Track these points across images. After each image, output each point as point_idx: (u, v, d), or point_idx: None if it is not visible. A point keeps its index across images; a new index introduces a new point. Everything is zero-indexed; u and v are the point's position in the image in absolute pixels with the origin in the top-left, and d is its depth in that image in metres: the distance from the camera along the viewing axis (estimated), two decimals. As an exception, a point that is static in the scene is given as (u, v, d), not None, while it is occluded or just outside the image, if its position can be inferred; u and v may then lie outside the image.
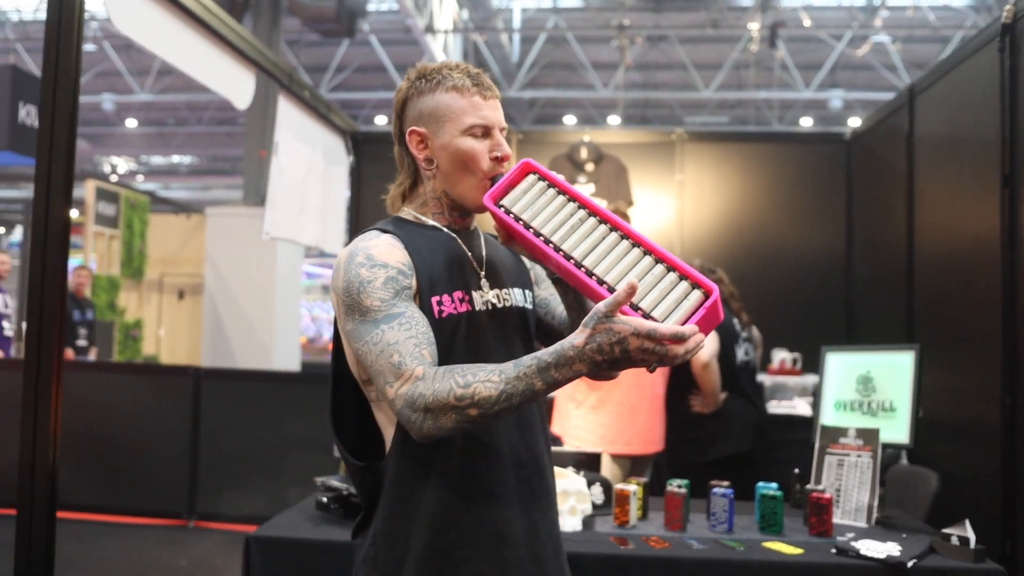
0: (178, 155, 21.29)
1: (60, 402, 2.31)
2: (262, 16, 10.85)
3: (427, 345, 1.35)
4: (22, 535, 2.29)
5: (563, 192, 1.43)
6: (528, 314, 1.60)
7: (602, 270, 1.34)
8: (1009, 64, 2.87)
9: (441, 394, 1.27)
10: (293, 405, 5.27)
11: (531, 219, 1.41)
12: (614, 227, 1.37)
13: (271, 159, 3.81)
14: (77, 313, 7.84)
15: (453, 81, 1.48)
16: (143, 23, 2.79)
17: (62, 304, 2.33)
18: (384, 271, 1.38)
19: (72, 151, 2.32)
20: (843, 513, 2.61)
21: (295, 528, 2.38)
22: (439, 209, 1.54)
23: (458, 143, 1.47)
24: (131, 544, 4.87)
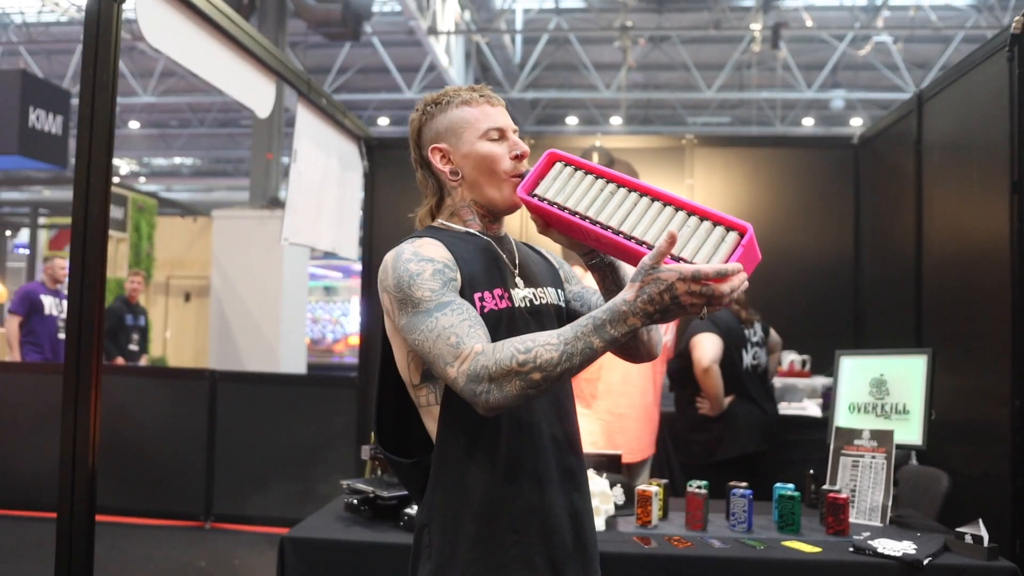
0: (180, 156, 21.35)
1: (99, 407, 2.38)
2: (268, 19, 10.90)
3: (480, 326, 1.41)
4: (62, 537, 2.36)
5: (590, 172, 1.51)
6: (563, 312, 1.68)
7: (640, 231, 1.42)
8: (1018, 73, 2.93)
9: (504, 362, 1.32)
10: (308, 408, 5.35)
11: (564, 201, 1.50)
12: (644, 193, 1.46)
13: (290, 166, 3.88)
14: (130, 318, 7.90)
15: (461, 97, 1.61)
16: (174, 37, 2.85)
17: (100, 311, 2.39)
18: (431, 264, 1.46)
19: (110, 165, 2.39)
20: (858, 513, 2.68)
21: (327, 529, 2.45)
22: (470, 216, 1.62)
23: (479, 148, 1.57)
24: (150, 545, 4.93)
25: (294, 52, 14.24)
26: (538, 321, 1.58)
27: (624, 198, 1.47)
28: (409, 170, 1.71)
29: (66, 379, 2.37)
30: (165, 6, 2.79)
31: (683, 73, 14.55)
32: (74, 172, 2.39)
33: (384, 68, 14.34)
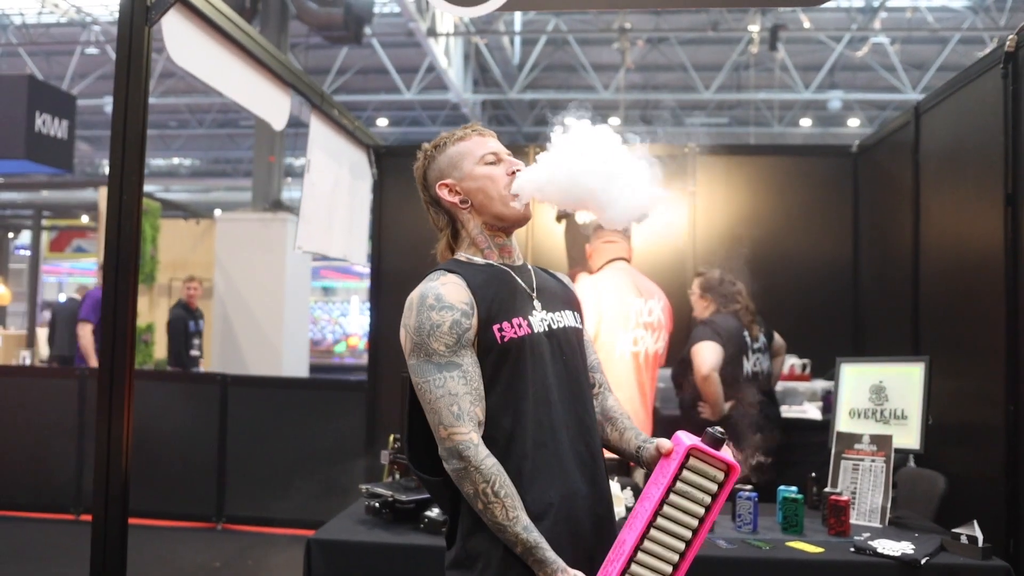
0: (179, 157, 21.42)
1: (132, 412, 2.48)
2: (270, 22, 10.98)
3: (480, 402, 1.61)
4: (97, 539, 2.46)
5: (711, 509, 1.55)
6: (580, 334, 1.81)
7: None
8: (1012, 90, 3.04)
9: (479, 473, 1.54)
10: (318, 411, 5.46)
11: (676, 494, 1.54)
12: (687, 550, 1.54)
13: (304, 176, 3.97)
14: (192, 324, 7.96)
15: (456, 135, 1.80)
16: (197, 55, 2.95)
17: (133, 320, 2.49)
18: (451, 314, 1.61)
19: (141, 182, 2.49)
20: (858, 514, 2.80)
21: (350, 531, 2.56)
22: (486, 244, 1.77)
23: (478, 171, 1.75)
24: (164, 546, 5.04)
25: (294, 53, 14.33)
26: (556, 343, 1.71)
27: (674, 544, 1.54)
28: (417, 180, 1.86)
29: (100, 386, 2.47)
30: (189, 26, 2.89)
31: (681, 74, 14.65)
32: (107, 188, 2.49)
33: (383, 69, 14.41)
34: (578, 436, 1.68)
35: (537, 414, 1.63)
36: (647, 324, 3.45)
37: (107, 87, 15.83)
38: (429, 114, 17.50)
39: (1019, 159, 3.01)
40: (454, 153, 1.77)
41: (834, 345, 4.45)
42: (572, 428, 1.68)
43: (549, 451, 1.63)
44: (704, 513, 1.53)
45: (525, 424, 1.62)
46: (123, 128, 2.47)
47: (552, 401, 1.66)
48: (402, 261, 4.88)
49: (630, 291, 3.53)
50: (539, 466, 1.61)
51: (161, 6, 2.55)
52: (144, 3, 2.51)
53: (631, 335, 3.41)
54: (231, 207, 17.20)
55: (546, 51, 14.40)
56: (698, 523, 1.53)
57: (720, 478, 1.54)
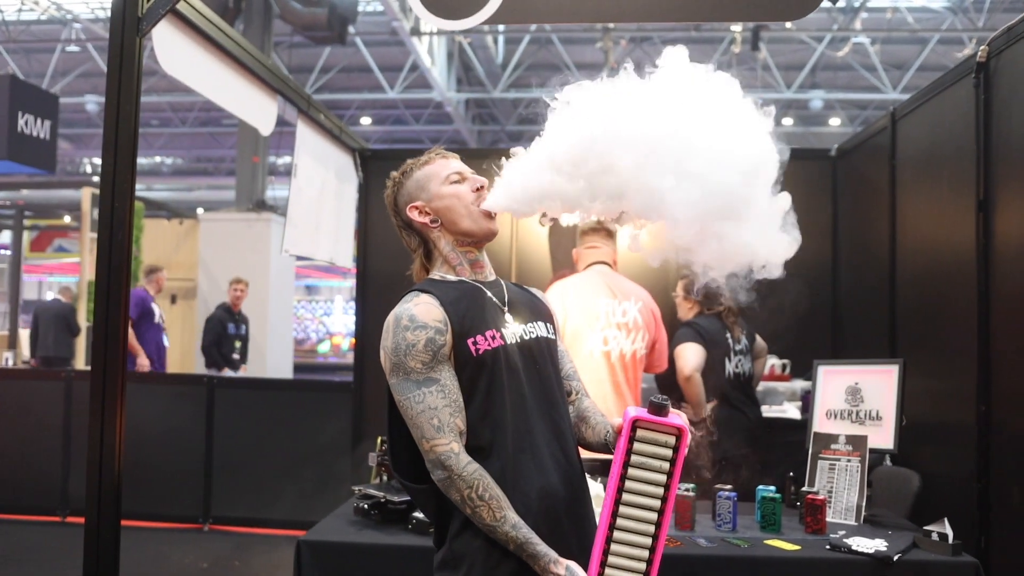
0: (161, 155, 21.32)
1: (124, 414, 2.52)
2: (253, 22, 10.98)
3: (459, 413, 1.68)
4: (90, 543, 2.49)
5: (671, 475, 1.58)
6: (552, 344, 1.88)
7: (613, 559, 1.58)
8: (984, 99, 3.13)
9: (465, 481, 1.62)
10: (304, 412, 5.50)
11: (634, 467, 1.58)
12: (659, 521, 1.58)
13: (291, 181, 4.02)
14: (232, 327, 7.96)
15: (421, 160, 1.89)
16: (186, 64, 2.99)
17: (125, 323, 2.53)
18: (424, 332, 1.68)
19: (133, 189, 2.53)
20: (834, 512, 2.88)
21: (341, 532, 2.61)
22: (458, 261, 1.85)
23: (445, 191, 1.83)
24: (151, 548, 5.06)
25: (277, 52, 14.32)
26: (529, 354, 1.79)
27: (644, 515, 1.58)
28: None
29: (93, 388, 2.50)
30: (179, 35, 2.93)
31: (664, 73, 14.70)
32: (100, 195, 2.53)
33: (367, 68, 14.41)
34: (554, 440, 1.75)
35: (515, 421, 1.70)
36: (620, 324, 3.49)
37: (88, 85, 15.78)
38: (413, 113, 17.51)
39: (990, 165, 3.10)
40: (420, 176, 1.85)
41: (813, 346, 4.53)
42: (548, 433, 1.75)
43: (527, 455, 1.70)
44: (666, 480, 1.56)
45: (505, 432, 1.69)
46: (115, 138, 2.50)
47: (528, 408, 1.73)
48: (387, 263, 4.93)
49: (602, 292, 3.53)
50: (519, 470, 1.68)
51: (152, 17, 2.58)
52: (135, 14, 2.55)
53: (600, 335, 3.45)
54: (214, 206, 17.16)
55: (530, 50, 14.46)
56: (663, 491, 1.56)
57: (672, 443, 1.57)
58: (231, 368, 7.76)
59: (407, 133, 18.56)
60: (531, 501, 1.67)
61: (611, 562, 1.56)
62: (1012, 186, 2.97)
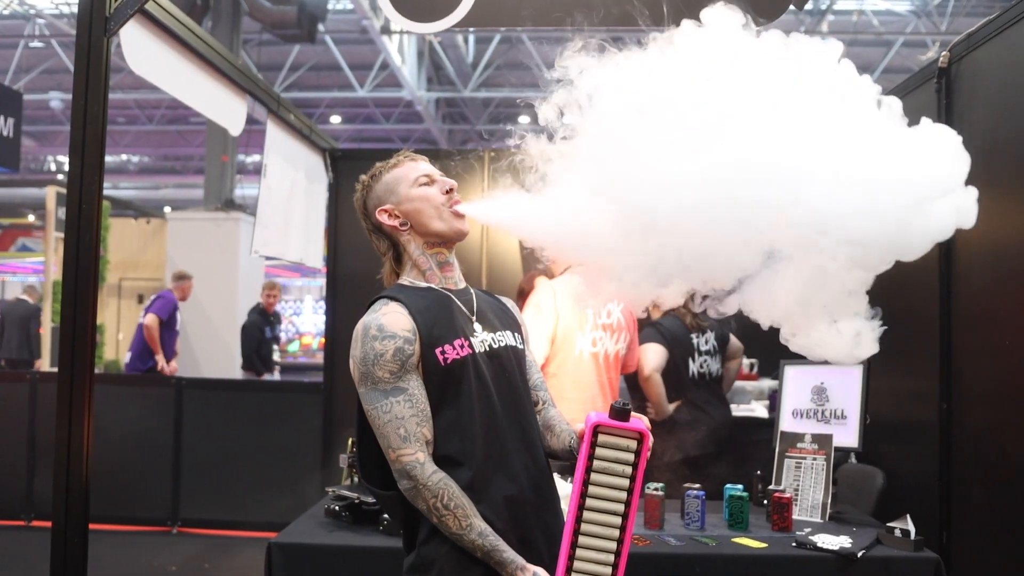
0: (127, 153, 21.06)
1: (92, 416, 2.50)
2: (222, 19, 10.90)
3: (426, 422, 1.68)
4: (57, 547, 2.47)
5: (634, 479, 1.58)
6: (520, 352, 1.88)
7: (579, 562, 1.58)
8: (945, 103, 3.19)
9: (430, 490, 1.63)
10: (274, 413, 5.46)
11: (596, 472, 1.58)
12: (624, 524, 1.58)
13: (260, 181, 4.00)
14: (267, 330, 7.98)
15: (389, 163, 1.88)
16: (155, 64, 2.97)
17: (93, 326, 2.51)
18: (393, 342, 1.68)
19: (100, 191, 2.50)
20: (800, 510, 2.92)
21: (312, 534, 2.61)
22: (427, 266, 1.85)
23: (414, 193, 1.83)
24: (119, 551, 5.02)
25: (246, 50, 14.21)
26: (497, 362, 1.79)
27: (609, 521, 1.58)
28: None
29: (60, 390, 2.47)
30: (148, 35, 2.90)
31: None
32: (67, 197, 2.51)
33: (336, 66, 14.35)
34: (523, 449, 1.76)
35: (484, 430, 1.71)
36: (605, 325, 3.53)
37: (52, 81, 15.54)
38: (383, 111, 17.45)
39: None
40: (390, 179, 1.85)
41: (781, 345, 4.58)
42: (517, 441, 1.76)
43: (496, 464, 1.71)
44: (629, 484, 1.57)
45: (474, 441, 1.70)
46: (82, 139, 2.48)
47: (497, 417, 1.74)
48: (357, 263, 4.92)
49: (587, 296, 3.59)
50: (489, 479, 1.69)
51: (120, 17, 2.56)
52: (103, 14, 2.53)
53: (590, 336, 3.49)
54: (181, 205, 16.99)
55: (500, 49, 14.46)
56: (627, 495, 1.57)
57: (633, 447, 1.57)
58: (269, 371, 7.80)
59: (377, 132, 18.50)
60: (500, 509, 1.68)
61: (577, 567, 1.58)
62: (974, 186, 3.03)
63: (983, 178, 2.91)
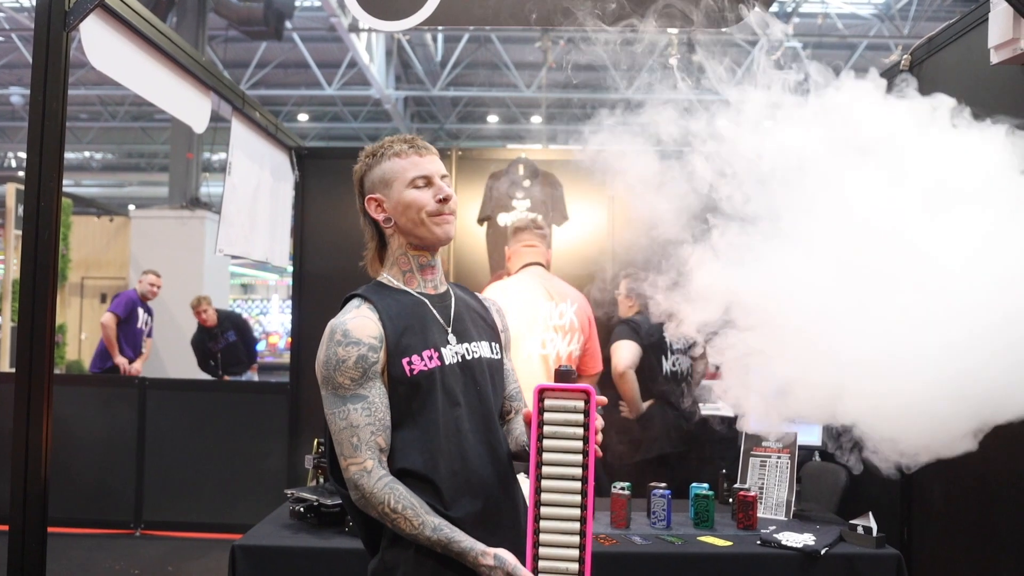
0: (90, 150, 20.74)
1: (51, 418, 2.45)
2: (187, 15, 10.76)
3: (382, 432, 1.65)
4: (15, 550, 2.42)
5: (587, 440, 1.56)
6: (496, 364, 1.84)
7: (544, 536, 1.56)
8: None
9: (376, 498, 1.61)
10: (239, 413, 5.41)
11: (548, 438, 1.57)
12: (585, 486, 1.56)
13: (225, 179, 3.95)
14: (209, 343, 8.03)
15: (394, 149, 1.77)
16: (116, 59, 2.92)
17: (52, 325, 2.47)
18: (356, 349, 1.65)
19: (59, 188, 2.46)
20: (765, 508, 2.95)
21: (276, 536, 2.59)
22: (408, 267, 1.79)
23: (405, 196, 1.74)
24: (81, 554, 4.94)
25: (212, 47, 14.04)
26: (469, 375, 1.75)
27: (568, 480, 1.56)
28: (338, 179, 1.89)
29: (18, 391, 2.42)
30: (109, 30, 2.86)
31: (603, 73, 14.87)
32: (24, 194, 2.46)
33: (304, 64, 14.22)
34: (489, 463, 1.73)
35: (449, 445, 1.68)
36: (557, 327, 3.52)
37: (13, 76, 15.27)
38: (351, 110, 17.35)
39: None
40: (388, 169, 1.77)
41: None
42: (484, 456, 1.73)
43: (461, 478, 1.68)
44: (583, 446, 1.56)
45: (438, 455, 1.67)
46: (40, 136, 2.43)
47: (464, 431, 1.70)
48: (324, 262, 4.89)
49: (540, 295, 3.55)
50: (454, 495, 1.67)
51: (80, 11, 2.52)
52: (62, 8, 2.48)
53: (539, 338, 3.47)
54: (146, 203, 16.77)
55: (469, 48, 14.44)
56: (582, 457, 1.56)
57: (581, 406, 1.56)
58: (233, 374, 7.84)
59: (345, 130, 18.38)
60: (466, 526, 1.65)
61: (543, 539, 1.55)
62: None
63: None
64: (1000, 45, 2.59)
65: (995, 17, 2.61)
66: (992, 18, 2.62)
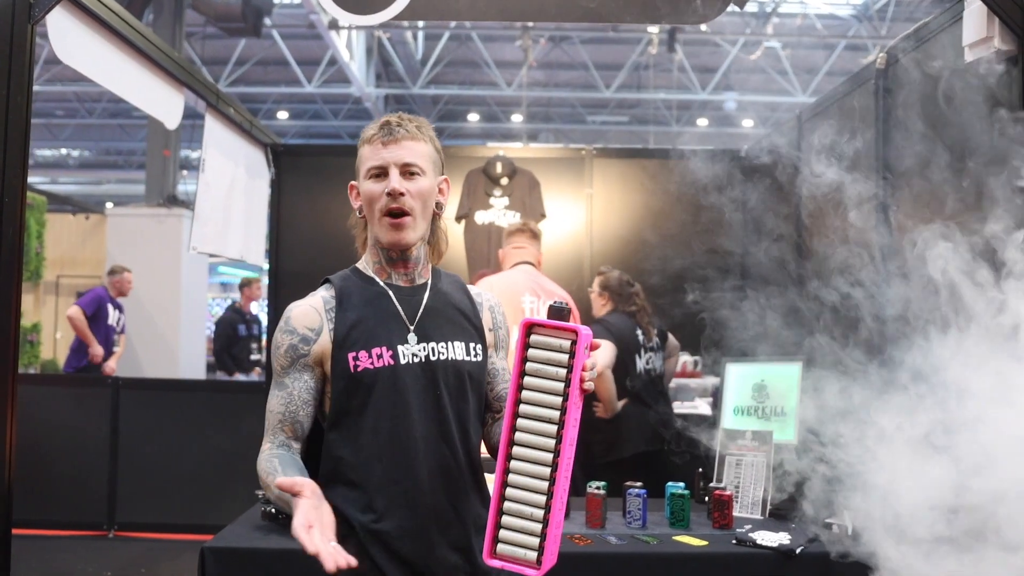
0: (67, 147, 20.52)
1: (15, 420, 2.41)
2: (164, 11, 10.65)
3: (289, 423, 1.61)
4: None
5: (569, 382, 1.45)
6: (474, 368, 1.68)
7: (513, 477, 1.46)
8: (883, 103, 3.24)
9: (260, 476, 1.56)
10: (214, 413, 5.35)
11: (529, 375, 1.48)
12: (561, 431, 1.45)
13: (198, 176, 3.90)
14: (242, 328, 7.85)
15: (367, 135, 1.67)
16: (84, 52, 2.88)
17: (16, 323, 2.43)
18: (290, 338, 1.62)
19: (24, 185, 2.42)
20: (741, 507, 2.94)
21: (246, 538, 2.55)
22: (377, 258, 1.70)
23: (364, 187, 1.65)
24: (52, 556, 4.87)
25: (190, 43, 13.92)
26: (429, 378, 1.61)
27: (545, 425, 1.46)
28: (315, 176, 1.85)
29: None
30: (76, 23, 2.81)
31: (582, 73, 14.88)
32: (-13, 192, 2.41)
33: (284, 61, 14.13)
34: (439, 476, 1.60)
35: (392, 451, 1.58)
36: None
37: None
38: (331, 108, 17.26)
39: (889, 166, 3.21)
40: (360, 156, 1.68)
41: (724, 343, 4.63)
42: (434, 468, 1.61)
43: (401, 488, 1.58)
44: (564, 389, 1.45)
45: (375, 460, 1.58)
46: (4, 132, 2.39)
47: (414, 438, 1.59)
48: (300, 260, 4.84)
49: (526, 290, 3.58)
50: (388, 505, 1.58)
51: (45, 4, 2.47)
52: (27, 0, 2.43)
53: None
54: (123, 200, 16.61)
55: (449, 47, 14.40)
56: (562, 400, 1.45)
57: (567, 346, 1.45)
58: (243, 371, 7.67)
59: (325, 128, 18.30)
60: (395, 540, 1.57)
61: (512, 481, 1.46)
62: (912, 184, 3.08)
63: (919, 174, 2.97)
64: (975, 43, 2.60)
65: (969, 15, 2.61)
66: (966, 16, 2.63)
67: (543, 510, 1.44)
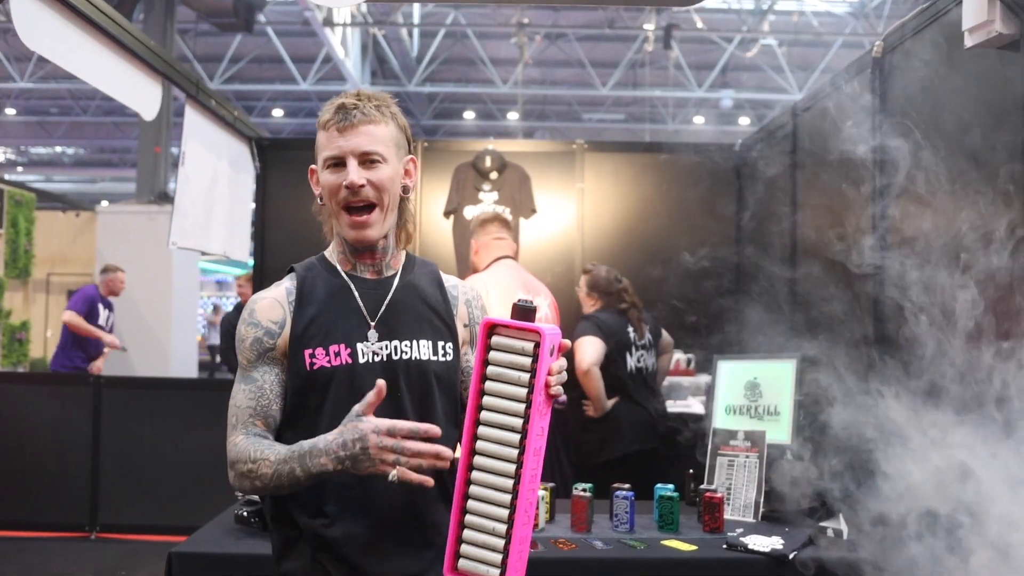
0: (61, 145, 20.41)
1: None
2: (155, 7, 10.54)
3: (261, 417, 1.52)
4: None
5: (532, 388, 1.36)
6: (432, 366, 1.57)
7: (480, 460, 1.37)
8: (880, 92, 3.14)
9: (239, 463, 1.46)
10: (196, 413, 5.25)
11: (491, 380, 1.38)
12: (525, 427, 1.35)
13: (178, 169, 3.80)
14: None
15: (322, 118, 1.54)
16: (51, 37, 2.77)
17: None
18: (254, 331, 1.53)
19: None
20: (733, 510, 2.84)
21: (217, 543, 2.45)
22: (341, 248, 1.60)
23: (323, 178, 1.53)
24: (32, 558, 4.78)
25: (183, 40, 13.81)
26: (390, 377, 1.50)
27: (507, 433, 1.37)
28: (301, 170, 1.74)
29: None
30: (42, 6, 2.71)
31: (578, 70, 14.80)
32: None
33: (278, 58, 14.06)
34: (397, 486, 1.41)
35: None
36: None
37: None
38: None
39: (887, 157, 3.11)
40: (317, 142, 1.56)
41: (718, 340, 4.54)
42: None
43: (354, 494, 1.50)
44: (527, 394, 1.34)
45: None
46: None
47: None
48: (286, 255, 4.70)
49: (518, 288, 3.52)
50: (340, 510, 1.50)
51: (6, -14, 2.37)
52: (-14, -18, 2.33)
53: None
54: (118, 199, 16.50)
55: (445, 44, 14.31)
56: (525, 407, 1.34)
57: (529, 349, 1.35)
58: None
59: (320, 126, 18.19)
60: (344, 549, 1.49)
61: (473, 493, 1.37)
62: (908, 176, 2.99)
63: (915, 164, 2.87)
64: (975, 28, 2.49)
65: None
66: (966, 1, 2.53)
67: (506, 524, 1.34)
